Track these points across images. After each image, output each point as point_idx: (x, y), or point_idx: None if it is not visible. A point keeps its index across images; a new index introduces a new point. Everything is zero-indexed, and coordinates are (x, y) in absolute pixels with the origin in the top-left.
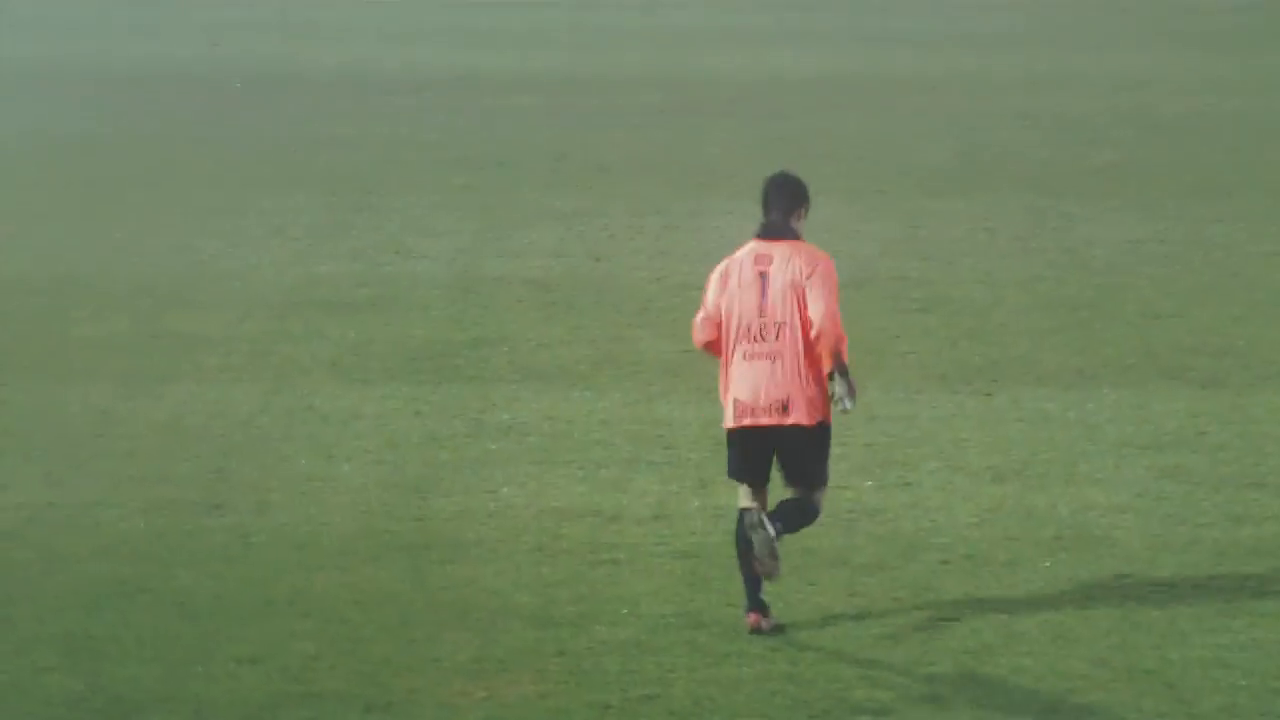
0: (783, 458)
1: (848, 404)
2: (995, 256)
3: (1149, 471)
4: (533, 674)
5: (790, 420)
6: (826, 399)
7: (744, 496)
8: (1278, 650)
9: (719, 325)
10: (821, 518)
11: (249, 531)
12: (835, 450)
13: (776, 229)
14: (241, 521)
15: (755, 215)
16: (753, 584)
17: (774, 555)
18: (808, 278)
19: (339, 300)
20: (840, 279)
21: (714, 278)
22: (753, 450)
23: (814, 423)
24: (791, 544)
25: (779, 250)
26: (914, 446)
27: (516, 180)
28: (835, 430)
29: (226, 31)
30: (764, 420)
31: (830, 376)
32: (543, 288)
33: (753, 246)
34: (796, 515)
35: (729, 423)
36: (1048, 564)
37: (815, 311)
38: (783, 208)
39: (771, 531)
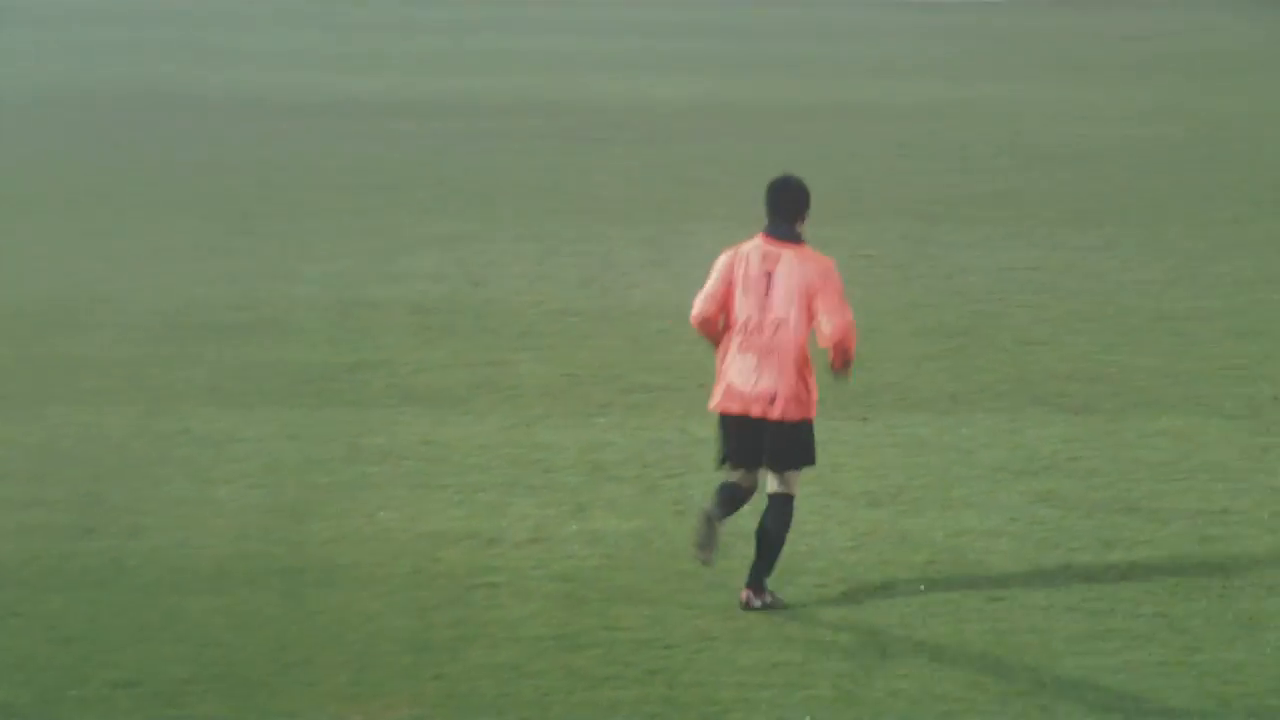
0: (769, 446)
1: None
2: (873, 283)
3: (1022, 496)
4: (409, 698)
5: (776, 414)
6: (813, 398)
7: (731, 476)
8: (1150, 672)
9: (722, 305)
10: (796, 501)
11: (123, 555)
12: (713, 474)
13: (784, 233)
14: (115, 545)
15: (635, 239)
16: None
17: (709, 547)
18: (821, 289)
19: (217, 323)
20: None
21: (719, 264)
22: (740, 435)
23: (799, 419)
24: (668, 568)
25: (786, 253)
26: None
27: (397, 204)
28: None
29: (109, 53)
30: (753, 409)
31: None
32: (422, 311)
33: (760, 244)
34: (772, 543)
35: (716, 404)
36: (923, 587)
37: (832, 322)
38: (789, 212)
39: (716, 528)
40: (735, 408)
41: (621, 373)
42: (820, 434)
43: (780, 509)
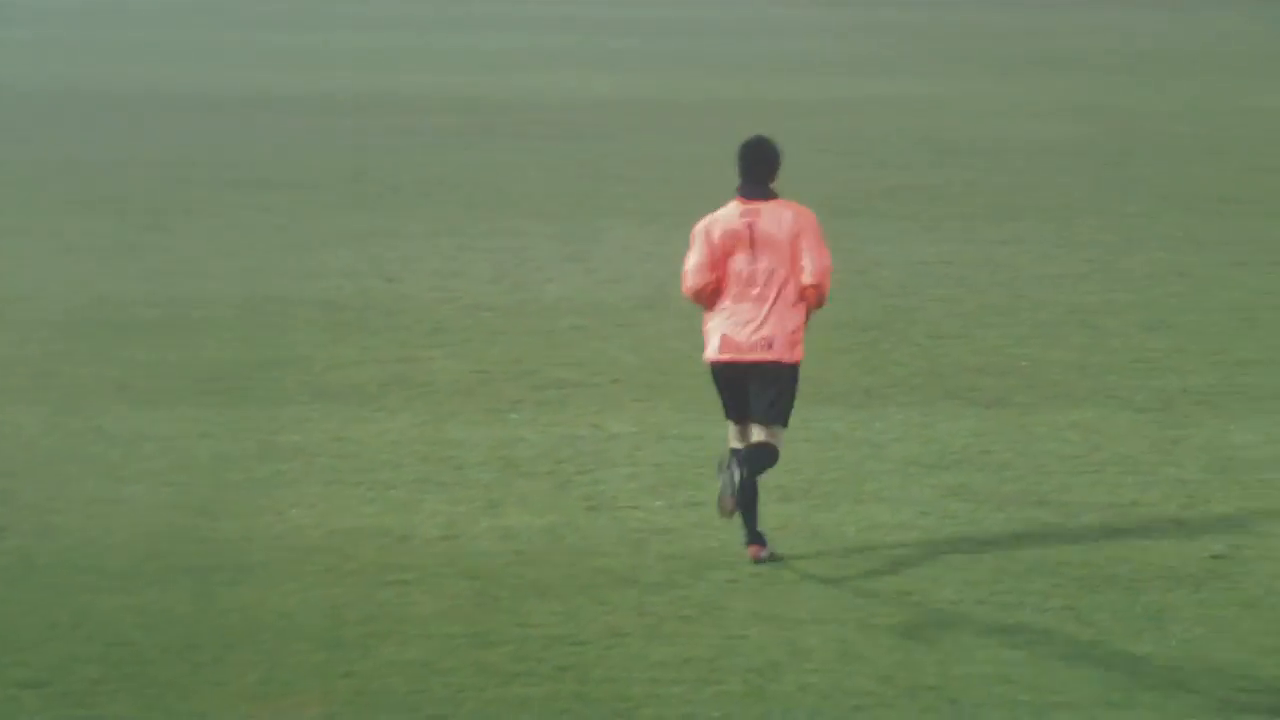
0: (758, 390)
1: None
2: None
3: (934, 490)
4: (320, 695)
5: (772, 356)
6: (802, 343)
7: (733, 437)
8: (1058, 665)
9: (714, 270)
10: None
11: (32, 554)
12: (625, 470)
13: (759, 191)
14: (25, 544)
15: (548, 234)
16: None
17: (734, 496)
18: (803, 230)
19: (128, 321)
20: (633, 301)
21: (699, 233)
22: (735, 383)
23: (794, 361)
24: (580, 564)
25: (764, 207)
26: (703, 466)
27: (309, 201)
28: (645, 443)
29: (14, 51)
30: (748, 356)
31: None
32: (334, 308)
33: (736, 205)
34: (760, 458)
35: (712, 355)
36: (834, 582)
37: (812, 265)
38: (762, 171)
39: (738, 475)
40: (729, 356)
41: (534, 369)
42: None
43: (768, 446)
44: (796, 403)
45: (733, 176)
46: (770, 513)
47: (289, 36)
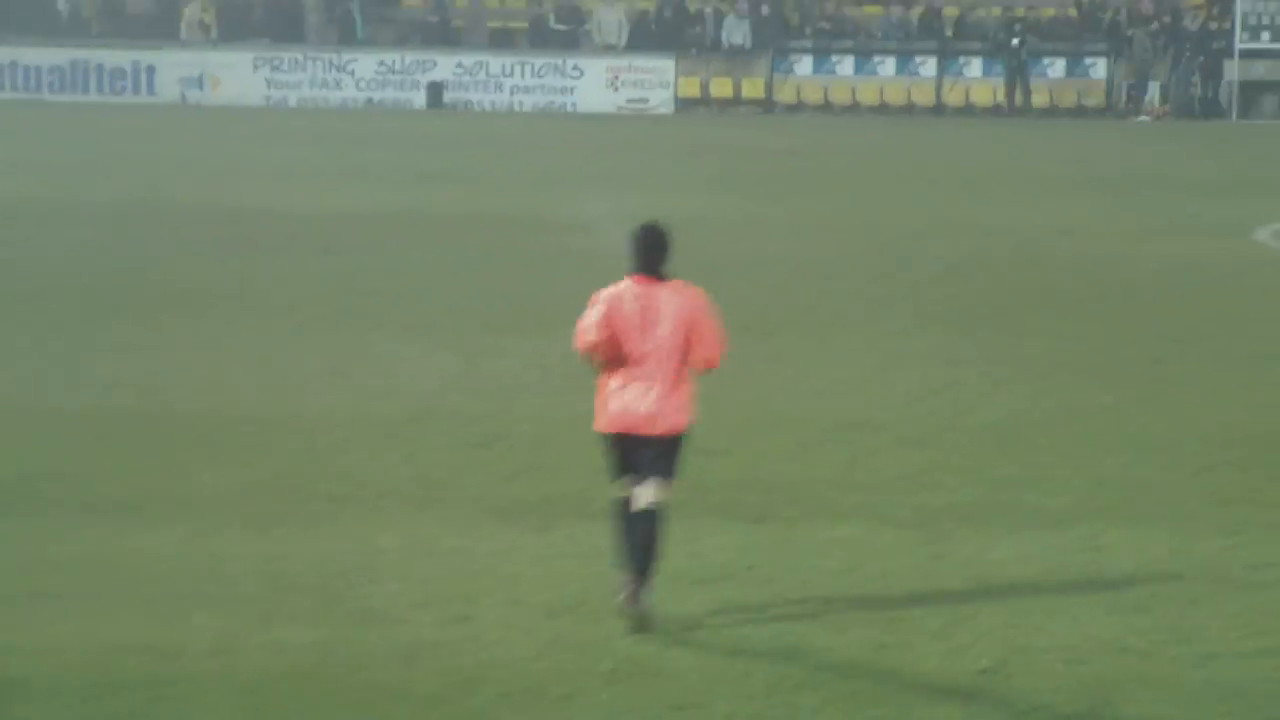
0: (646, 458)
1: None
2: (550, 393)
3: (701, 606)
4: None
5: (659, 431)
6: (688, 412)
7: (618, 490)
8: None
9: (607, 332)
10: (666, 512)
11: None
12: (395, 585)
13: (655, 272)
14: None
15: (310, 348)
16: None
17: (646, 623)
18: (698, 319)
19: None
20: (398, 416)
21: (601, 297)
22: (624, 451)
23: (677, 433)
24: (352, 679)
25: (660, 290)
26: (472, 580)
27: (71, 313)
28: (414, 556)
29: None
30: (640, 429)
31: None
32: (98, 420)
33: (630, 285)
34: (649, 551)
35: (603, 427)
36: (605, 697)
37: (710, 351)
38: (658, 255)
39: (644, 605)
40: (621, 428)
41: (300, 483)
42: (500, 544)
43: (655, 520)
44: (566, 519)
45: (487, 291)
46: (541, 628)
47: (46, 146)
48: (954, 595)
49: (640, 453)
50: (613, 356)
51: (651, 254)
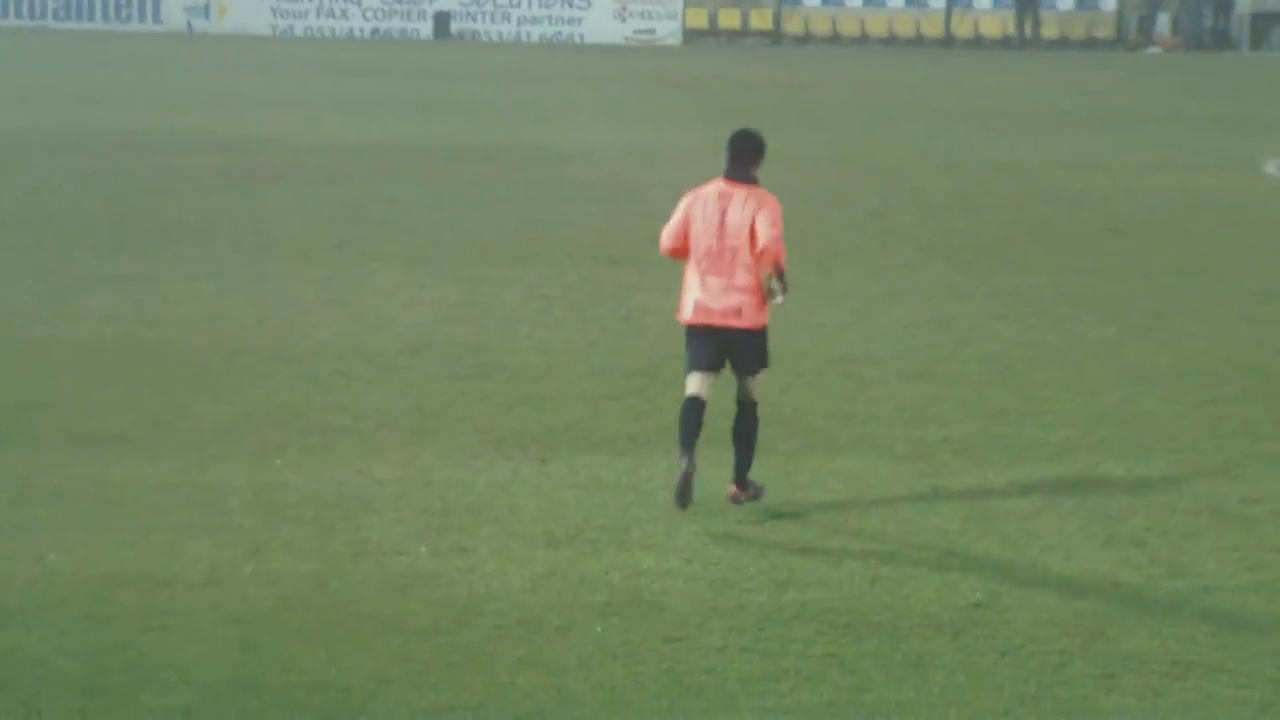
0: (733, 354)
1: (780, 299)
2: (551, 324)
3: (698, 537)
4: None
5: (742, 324)
6: (766, 308)
7: (692, 384)
8: (821, 712)
9: (686, 237)
10: (760, 405)
11: None
12: (390, 516)
13: (740, 175)
14: None
15: (312, 278)
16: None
17: (687, 497)
18: (760, 209)
19: None
20: (396, 347)
21: (683, 204)
22: (708, 343)
23: (759, 327)
24: (345, 611)
25: (739, 191)
26: (470, 512)
27: (69, 242)
28: (410, 488)
29: None
30: (718, 321)
31: (769, 279)
32: (95, 351)
33: (719, 185)
34: (748, 442)
35: (686, 317)
36: (600, 629)
37: (763, 235)
38: (746, 159)
39: (693, 482)
40: (703, 320)
41: (298, 413)
42: (499, 475)
43: (750, 413)
44: (566, 450)
45: (494, 222)
46: (538, 559)
47: (48, 76)
48: (950, 528)
49: (721, 346)
50: (689, 253)
51: (738, 157)
